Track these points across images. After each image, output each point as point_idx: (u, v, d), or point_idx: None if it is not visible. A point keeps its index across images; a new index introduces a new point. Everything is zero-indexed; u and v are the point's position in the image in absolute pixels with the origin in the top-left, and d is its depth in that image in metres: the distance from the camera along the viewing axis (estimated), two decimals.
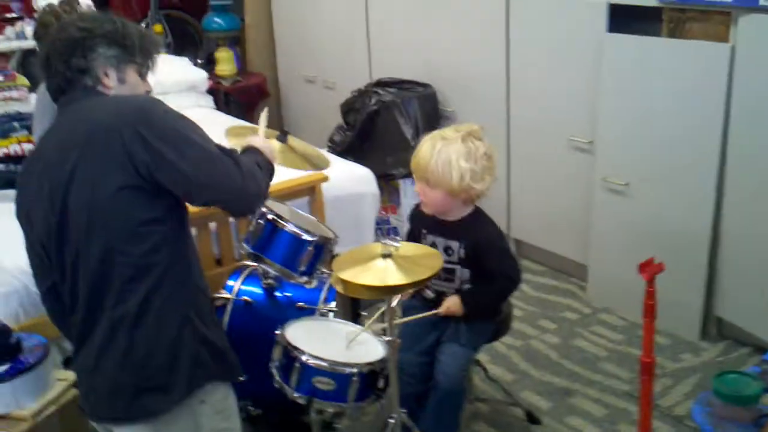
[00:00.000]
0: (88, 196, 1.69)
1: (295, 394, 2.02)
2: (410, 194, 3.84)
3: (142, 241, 1.71)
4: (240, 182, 1.72)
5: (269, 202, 2.25)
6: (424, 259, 1.89)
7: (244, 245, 2.20)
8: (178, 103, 4.33)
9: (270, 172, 1.90)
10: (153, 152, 1.65)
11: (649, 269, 1.86)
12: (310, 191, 3.04)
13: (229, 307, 2.38)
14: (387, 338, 1.92)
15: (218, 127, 2.51)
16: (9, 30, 4.57)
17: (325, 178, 3.04)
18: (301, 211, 2.47)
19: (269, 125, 2.24)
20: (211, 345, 1.82)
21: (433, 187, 2.15)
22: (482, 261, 2.19)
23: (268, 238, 2.17)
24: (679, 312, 2.99)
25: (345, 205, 3.18)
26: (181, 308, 1.78)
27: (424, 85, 3.96)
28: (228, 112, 4.97)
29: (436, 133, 2.19)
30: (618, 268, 3.18)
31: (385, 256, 1.84)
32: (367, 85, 4.06)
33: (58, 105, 1.90)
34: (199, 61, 5.41)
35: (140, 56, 1.90)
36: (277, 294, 2.44)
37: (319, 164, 2.39)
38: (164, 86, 4.34)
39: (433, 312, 2.20)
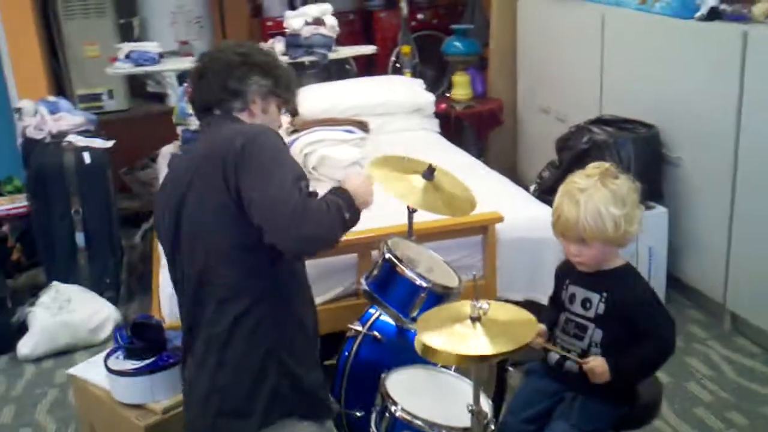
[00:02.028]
0: (195, 214, 1.78)
1: None
2: None
3: (233, 266, 1.76)
4: (294, 221, 1.65)
5: (395, 241, 2.19)
6: (516, 326, 1.69)
7: (362, 281, 2.16)
8: (402, 125, 4.46)
9: (346, 218, 1.78)
10: (239, 178, 1.70)
11: None
12: (482, 230, 2.91)
13: (358, 340, 2.36)
14: (472, 407, 1.76)
15: (430, 153, 2.45)
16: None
17: (500, 219, 2.89)
18: (436, 255, 2.35)
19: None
20: (298, 381, 1.82)
21: (589, 244, 1.97)
22: (633, 322, 1.95)
23: (385, 279, 2.11)
24: None
25: (524, 248, 2.99)
26: (269, 341, 1.80)
27: (648, 126, 3.60)
28: (459, 137, 4.95)
29: (569, 186, 1.99)
30: None
31: (474, 319, 1.69)
32: (585, 122, 3.80)
33: (201, 122, 2.01)
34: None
35: (284, 91, 1.96)
36: (410, 333, 2.36)
37: (459, 209, 2.26)
38: (390, 107, 4.42)
39: (576, 359, 1.97)
